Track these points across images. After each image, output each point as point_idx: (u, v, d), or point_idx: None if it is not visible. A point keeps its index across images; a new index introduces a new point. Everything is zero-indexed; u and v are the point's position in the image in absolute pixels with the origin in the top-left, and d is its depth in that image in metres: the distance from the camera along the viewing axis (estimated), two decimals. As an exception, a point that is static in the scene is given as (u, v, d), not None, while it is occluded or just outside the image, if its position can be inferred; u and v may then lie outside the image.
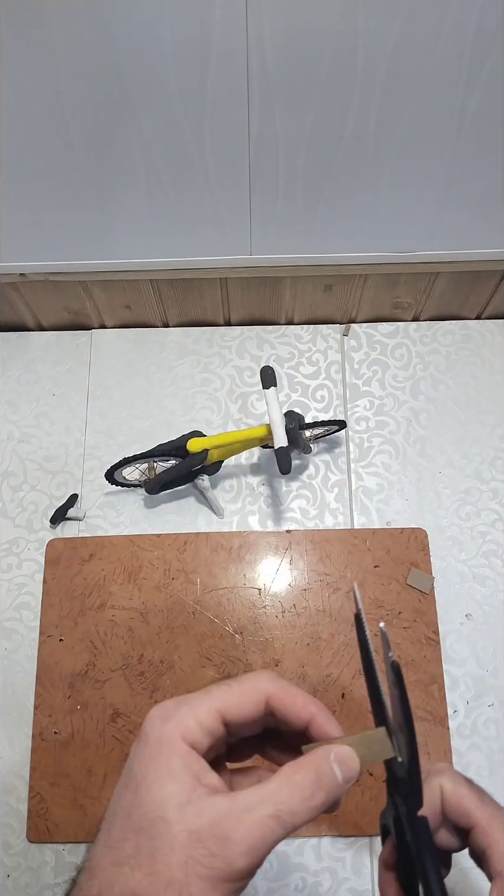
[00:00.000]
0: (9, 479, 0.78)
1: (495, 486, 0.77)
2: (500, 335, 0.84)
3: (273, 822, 0.29)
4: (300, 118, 0.57)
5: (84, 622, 0.71)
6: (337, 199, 0.65)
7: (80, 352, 0.84)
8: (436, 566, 0.73)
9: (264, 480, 0.78)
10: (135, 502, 0.77)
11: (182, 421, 0.80)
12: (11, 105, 0.56)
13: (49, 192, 0.64)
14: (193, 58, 0.52)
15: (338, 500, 0.76)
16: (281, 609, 0.71)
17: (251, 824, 0.29)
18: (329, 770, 0.31)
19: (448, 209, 0.67)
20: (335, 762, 0.31)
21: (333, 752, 0.31)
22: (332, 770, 0.31)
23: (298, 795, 0.30)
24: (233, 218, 0.67)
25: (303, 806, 0.30)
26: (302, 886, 0.63)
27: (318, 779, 0.30)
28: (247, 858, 0.28)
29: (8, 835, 0.65)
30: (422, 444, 0.79)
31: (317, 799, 0.30)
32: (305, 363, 0.83)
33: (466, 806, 0.34)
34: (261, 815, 0.29)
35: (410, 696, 0.67)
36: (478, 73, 0.54)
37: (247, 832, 0.28)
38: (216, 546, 0.74)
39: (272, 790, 0.30)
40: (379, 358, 0.83)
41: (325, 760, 0.31)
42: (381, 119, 0.57)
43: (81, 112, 0.56)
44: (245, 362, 0.83)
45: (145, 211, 0.66)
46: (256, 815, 0.29)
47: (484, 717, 0.68)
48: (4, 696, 0.69)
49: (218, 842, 0.28)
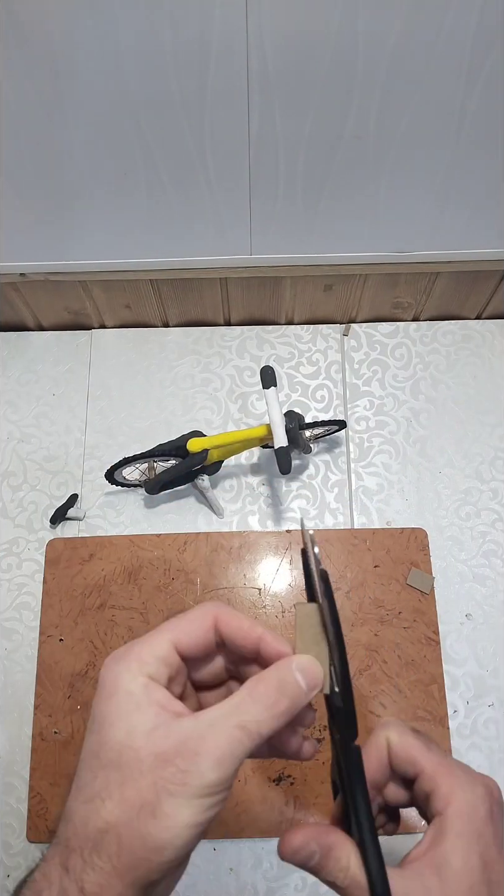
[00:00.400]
0: (9, 479, 0.78)
1: (495, 486, 0.77)
2: (500, 335, 0.84)
3: (239, 732, 0.29)
4: (300, 118, 0.57)
5: (84, 622, 0.71)
6: (337, 199, 0.66)
7: (80, 352, 0.84)
8: (436, 566, 0.73)
9: (264, 480, 0.78)
10: (135, 502, 0.77)
11: (182, 421, 0.80)
12: (12, 105, 0.56)
13: (49, 192, 0.64)
14: (193, 58, 0.52)
15: (338, 500, 0.76)
16: (281, 609, 0.71)
17: (217, 736, 0.29)
18: (291, 679, 0.31)
19: (448, 209, 0.67)
20: (297, 670, 0.31)
21: (294, 661, 0.32)
22: (294, 679, 0.31)
23: (262, 704, 0.30)
24: (233, 218, 0.67)
25: (267, 714, 0.30)
26: (302, 886, 0.63)
27: (280, 686, 0.31)
28: (217, 771, 0.28)
29: (8, 835, 0.65)
30: (422, 444, 0.79)
31: (280, 705, 0.30)
32: (305, 363, 0.83)
33: (413, 754, 0.34)
34: (226, 727, 0.29)
35: (410, 694, 0.67)
36: (478, 73, 0.54)
37: (214, 745, 0.28)
38: (216, 546, 0.74)
39: (236, 703, 0.30)
40: (379, 358, 0.83)
41: (286, 669, 0.31)
42: (381, 119, 0.57)
43: (81, 112, 0.56)
44: (245, 362, 0.83)
45: (145, 211, 0.66)
46: (222, 727, 0.29)
47: (484, 717, 0.68)
48: (4, 696, 0.69)
49: (185, 758, 0.28)
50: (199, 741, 0.29)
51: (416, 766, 0.33)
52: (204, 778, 0.28)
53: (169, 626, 0.33)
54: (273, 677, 0.31)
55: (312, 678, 0.32)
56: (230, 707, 0.30)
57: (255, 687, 0.31)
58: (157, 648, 0.32)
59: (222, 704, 0.30)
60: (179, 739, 0.29)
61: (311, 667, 0.32)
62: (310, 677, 0.32)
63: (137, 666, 0.31)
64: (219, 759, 0.28)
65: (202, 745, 0.28)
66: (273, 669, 0.32)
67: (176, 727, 0.29)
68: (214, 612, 0.34)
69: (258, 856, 0.64)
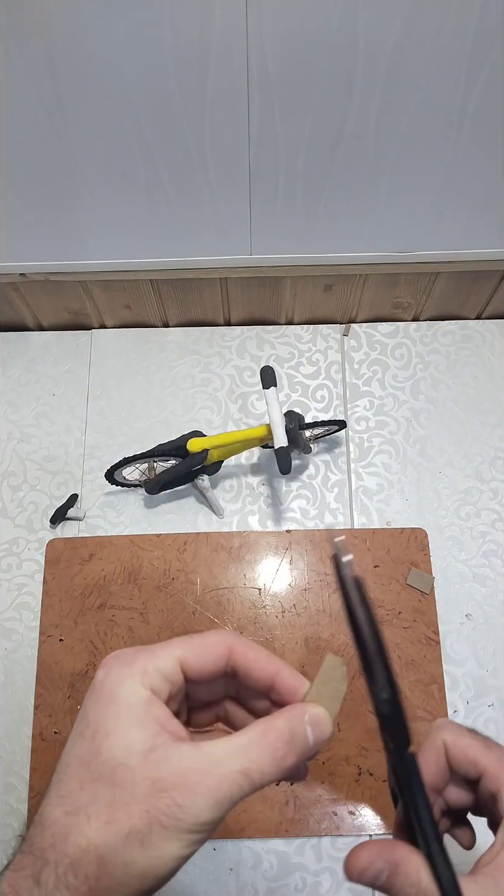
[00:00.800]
0: (9, 479, 0.78)
1: (495, 486, 0.77)
2: (500, 335, 0.84)
3: (242, 778, 0.28)
4: (300, 118, 0.57)
5: (84, 622, 0.71)
6: (337, 199, 0.66)
7: (80, 352, 0.84)
8: (436, 566, 0.73)
9: (264, 480, 0.78)
10: (135, 502, 0.77)
11: (182, 421, 0.80)
12: (12, 105, 0.56)
13: (49, 192, 0.64)
14: (193, 58, 0.52)
15: (338, 500, 0.76)
16: (281, 609, 0.71)
17: (219, 778, 0.28)
18: (302, 732, 0.30)
19: (448, 209, 0.67)
20: (309, 724, 0.30)
21: (308, 713, 0.31)
22: (305, 733, 0.30)
23: (270, 755, 0.29)
24: (233, 218, 0.67)
25: (273, 766, 0.29)
26: (302, 886, 0.63)
27: (291, 740, 0.29)
28: (213, 812, 0.27)
29: (8, 835, 0.65)
30: (422, 444, 0.79)
31: (288, 760, 0.29)
32: (305, 363, 0.83)
33: (472, 755, 0.33)
34: (230, 770, 0.28)
35: (410, 694, 0.67)
36: (478, 74, 0.54)
37: (214, 785, 0.27)
38: (216, 546, 0.74)
39: (243, 745, 0.29)
40: (379, 358, 0.83)
41: (299, 721, 0.30)
42: (381, 119, 0.57)
43: (81, 112, 0.56)
44: (245, 362, 0.83)
45: (145, 211, 0.66)
46: (225, 769, 0.28)
47: (484, 717, 0.68)
48: (4, 696, 0.69)
49: (183, 793, 0.27)
50: (199, 777, 0.27)
51: (477, 767, 0.33)
52: (199, 817, 0.27)
53: (180, 643, 0.32)
54: (285, 729, 0.30)
55: (321, 734, 0.31)
56: (235, 748, 0.29)
57: (266, 735, 0.29)
58: (163, 663, 0.30)
59: (228, 742, 0.29)
60: (179, 770, 0.28)
61: (321, 721, 0.31)
62: (318, 732, 0.30)
63: (141, 676, 0.30)
64: (217, 801, 0.27)
65: (202, 783, 0.27)
66: (286, 718, 0.30)
67: (175, 754, 0.28)
68: (230, 642, 0.32)
69: (258, 856, 0.64)
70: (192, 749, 0.28)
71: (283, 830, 0.64)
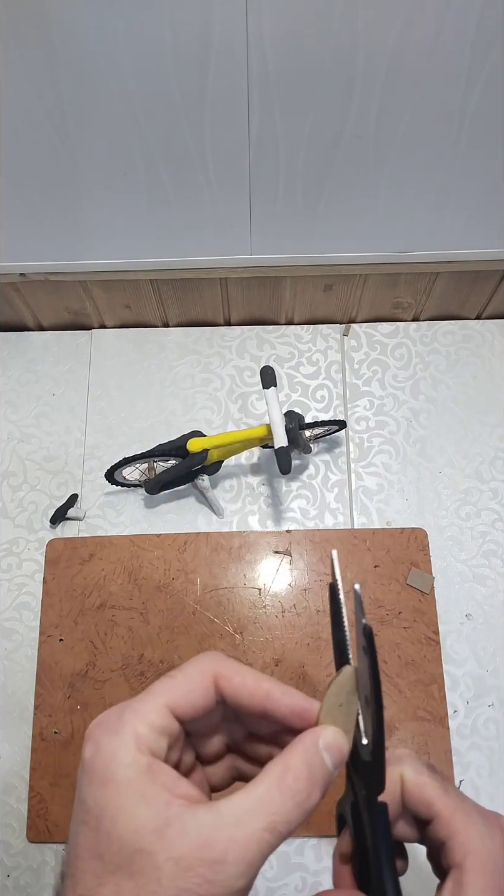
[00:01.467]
0: (9, 479, 0.78)
1: (495, 486, 0.77)
2: (500, 335, 0.84)
3: (268, 835, 0.26)
4: (300, 118, 0.57)
5: (84, 622, 0.71)
6: (337, 199, 0.66)
7: (80, 352, 0.84)
8: (436, 566, 0.73)
9: (264, 480, 0.78)
10: (135, 502, 0.77)
11: (182, 421, 0.80)
12: (11, 105, 0.56)
13: (49, 193, 0.64)
14: (193, 58, 0.52)
15: (338, 500, 0.76)
16: (281, 609, 0.71)
17: (245, 841, 0.25)
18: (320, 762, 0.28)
19: (448, 209, 0.67)
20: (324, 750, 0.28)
21: (321, 740, 0.28)
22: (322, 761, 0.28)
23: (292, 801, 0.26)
24: (233, 218, 0.67)
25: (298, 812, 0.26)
26: (302, 886, 0.63)
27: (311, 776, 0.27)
28: (245, 878, 0.25)
29: (8, 835, 0.65)
30: (422, 444, 0.79)
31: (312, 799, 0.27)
32: (305, 363, 0.83)
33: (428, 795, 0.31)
34: (254, 830, 0.25)
35: (410, 694, 0.67)
36: (478, 73, 0.54)
37: (242, 850, 0.25)
38: (216, 546, 0.74)
39: (262, 797, 0.26)
40: (379, 358, 0.83)
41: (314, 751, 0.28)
42: (381, 119, 0.57)
43: (81, 112, 0.56)
44: (245, 362, 0.83)
45: (145, 211, 0.66)
46: (249, 829, 0.25)
47: (484, 717, 0.68)
48: (4, 696, 0.69)
49: (211, 867, 0.25)
50: (224, 845, 0.25)
51: (431, 810, 0.31)
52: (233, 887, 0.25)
53: (163, 688, 0.29)
54: (302, 766, 0.27)
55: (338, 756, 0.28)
56: (255, 802, 0.26)
57: (284, 778, 0.27)
58: (152, 716, 0.27)
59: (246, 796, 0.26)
60: (201, 841, 0.25)
61: (336, 742, 0.29)
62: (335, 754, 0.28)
63: (135, 741, 0.27)
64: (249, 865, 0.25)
65: (229, 851, 0.25)
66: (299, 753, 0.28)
67: (192, 823, 0.25)
68: (214, 670, 0.29)
69: (258, 856, 0.64)
70: (209, 814, 0.26)
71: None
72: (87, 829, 0.26)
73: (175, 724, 0.28)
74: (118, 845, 0.25)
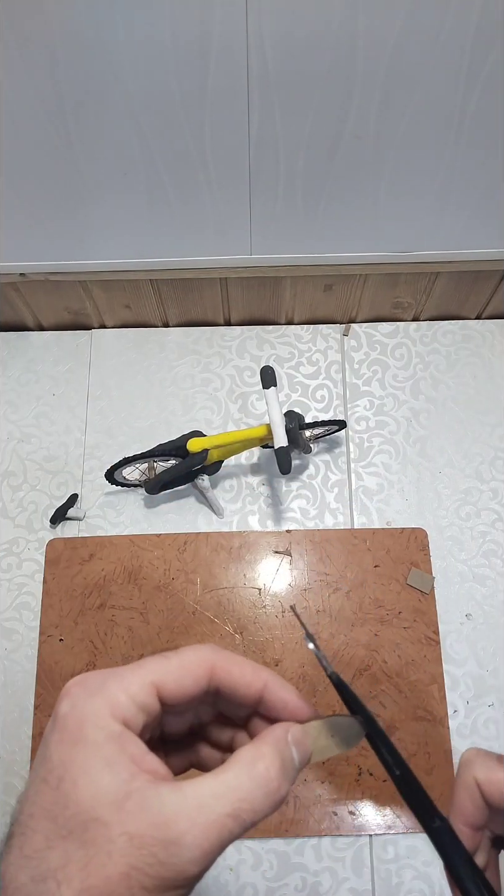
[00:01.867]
0: (9, 479, 0.78)
1: (495, 486, 0.77)
2: (500, 335, 0.84)
3: (231, 821, 0.25)
4: (300, 118, 0.57)
5: (84, 622, 0.71)
6: (337, 199, 0.66)
7: (80, 352, 0.84)
8: (436, 566, 0.73)
9: (264, 480, 0.78)
10: (135, 502, 0.77)
11: (182, 421, 0.80)
12: (11, 105, 0.56)
13: (49, 192, 0.64)
14: (193, 58, 0.52)
15: (338, 500, 0.76)
16: (281, 609, 0.71)
17: (206, 826, 0.24)
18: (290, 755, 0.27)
19: (448, 209, 0.67)
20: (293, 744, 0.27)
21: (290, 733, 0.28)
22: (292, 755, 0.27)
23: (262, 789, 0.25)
24: (233, 218, 0.67)
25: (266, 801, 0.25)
26: (302, 886, 0.63)
27: (283, 768, 0.26)
28: (199, 865, 0.24)
29: (8, 835, 0.65)
30: (422, 444, 0.79)
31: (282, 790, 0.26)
32: (305, 363, 0.83)
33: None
34: (217, 815, 0.24)
35: (410, 694, 0.67)
36: (478, 73, 0.54)
37: (201, 835, 0.24)
38: (216, 546, 0.74)
39: (230, 782, 0.25)
40: (379, 358, 0.83)
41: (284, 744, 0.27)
42: (381, 119, 0.57)
43: (81, 112, 0.56)
44: (245, 362, 0.83)
45: (145, 211, 0.67)
46: (212, 814, 0.24)
47: (484, 717, 0.68)
48: (4, 696, 0.69)
49: (165, 847, 0.24)
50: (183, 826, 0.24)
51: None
52: (185, 872, 0.24)
53: (154, 665, 0.27)
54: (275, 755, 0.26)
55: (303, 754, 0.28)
56: (222, 786, 0.25)
57: (255, 765, 0.26)
58: (136, 690, 0.26)
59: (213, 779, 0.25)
60: (159, 819, 0.24)
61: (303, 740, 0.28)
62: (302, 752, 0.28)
63: (111, 707, 0.26)
64: (204, 852, 0.24)
65: (187, 834, 0.24)
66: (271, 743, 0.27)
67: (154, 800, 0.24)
68: (212, 661, 0.28)
69: (258, 855, 0.64)
70: (172, 793, 0.25)
71: (283, 830, 0.64)
72: (46, 787, 0.25)
73: (156, 705, 0.27)
74: (74, 809, 0.24)
